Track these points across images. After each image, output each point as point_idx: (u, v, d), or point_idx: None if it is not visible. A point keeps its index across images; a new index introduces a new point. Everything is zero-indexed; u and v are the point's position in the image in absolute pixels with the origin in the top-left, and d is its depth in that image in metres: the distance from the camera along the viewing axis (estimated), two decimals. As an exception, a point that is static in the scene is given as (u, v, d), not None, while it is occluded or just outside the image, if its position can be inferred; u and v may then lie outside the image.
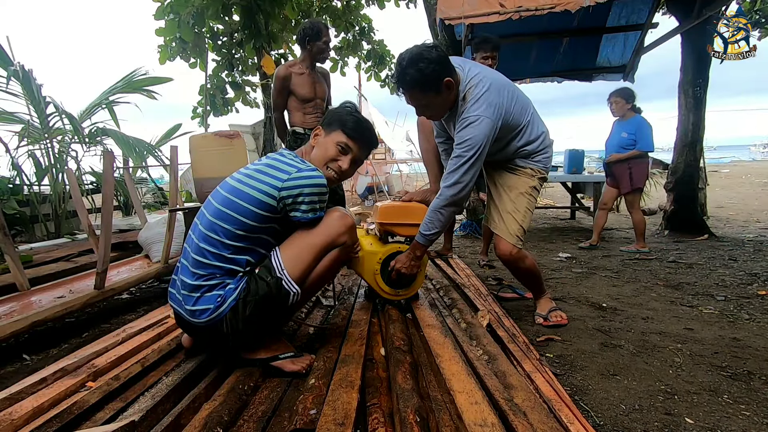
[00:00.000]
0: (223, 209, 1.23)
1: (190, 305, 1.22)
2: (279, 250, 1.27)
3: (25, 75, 4.15)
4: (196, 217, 1.32)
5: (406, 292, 1.82)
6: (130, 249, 3.22)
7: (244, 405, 1.10)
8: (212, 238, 1.22)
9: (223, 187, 1.31)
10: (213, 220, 1.23)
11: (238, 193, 1.24)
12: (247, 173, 1.30)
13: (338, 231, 1.31)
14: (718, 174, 13.87)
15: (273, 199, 1.23)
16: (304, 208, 1.24)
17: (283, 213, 1.26)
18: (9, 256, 1.92)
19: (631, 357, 1.52)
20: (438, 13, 3.72)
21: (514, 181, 1.84)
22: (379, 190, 9.33)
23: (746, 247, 3.58)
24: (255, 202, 1.22)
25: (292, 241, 1.29)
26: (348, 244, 1.35)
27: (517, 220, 1.81)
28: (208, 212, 1.26)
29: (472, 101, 1.60)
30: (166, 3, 4.95)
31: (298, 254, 1.27)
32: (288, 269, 1.24)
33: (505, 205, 1.83)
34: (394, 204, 1.88)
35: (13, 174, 4.24)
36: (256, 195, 1.23)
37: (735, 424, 1.11)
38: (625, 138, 3.61)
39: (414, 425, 0.91)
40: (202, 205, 1.33)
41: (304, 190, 1.23)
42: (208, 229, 1.23)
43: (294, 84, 2.77)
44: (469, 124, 1.58)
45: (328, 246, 1.30)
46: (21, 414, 1.00)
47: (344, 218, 1.33)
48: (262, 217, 1.23)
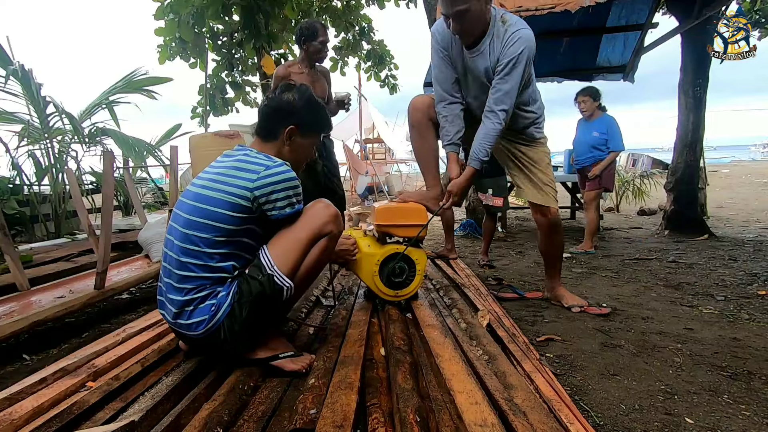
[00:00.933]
0: (196, 218, 1.21)
1: (185, 320, 1.20)
2: (267, 248, 1.27)
3: (24, 75, 4.15)
4: (167, 233, 1.29)
5: (404, 293, 1.82)
6: (130, 249, 3.22)
7: (244, 405, 1.10)
8: (193, 251, 1.20)
9: (187, 196, 1.29)
10: (188, 232, 1.21)
11: (208, 200, 1.22)
12: (211, 177, 1.27)
13: (323, 221, 1.31)
14: (718, 174, 13.87)
15: (246, 200, 1.21)
16: (281, 204, 1.24)
17: (259, 212, 1.24)
18: (9, 256, 1.92)
19: (631, 357, 1.52)
20: (438, 13, 3.72)
21: (537, 155, 2.02)
22: (379, 190, 9.33)
23: (746, 247, 3.58)
24: (227, 205, 1.21)
25: (279, 236, 1.29)
26: (335, 233, 1.35)
27: (553, 188, 2.02)
28: (179, 225, 1.24)
29: (516, 21, 1.72)
30: (166, 3, 4.94)
31: (287, 248, 1.26)
32: (278, 264, 1.23)
33: (541, 178, 2.01)
34: (391, 205, 1.87)
35: (13, 174, 4.24)
36: (227, 198, 1.21)
37: (735, 424, 1.11)
38: (596, 137, 3.62)
39: (414, 425, 0.91)
40: (171, 218, 1.31)
41: (276, 187, 1.22)
42: (186, 242, 1.21)
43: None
44: (519, 38, 1.68)
45: (314, 237, 1.30)
46: (21, 414, 1.00)
47: (328, 208, 1.33)
48: (239, 219, 1.22)
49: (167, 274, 1.25)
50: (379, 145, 15.62)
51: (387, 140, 13.89)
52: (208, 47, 5.60)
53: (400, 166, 13.91)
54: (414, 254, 1.81)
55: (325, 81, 2.94)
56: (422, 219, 1.83)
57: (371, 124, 13.43)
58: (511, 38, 1.69)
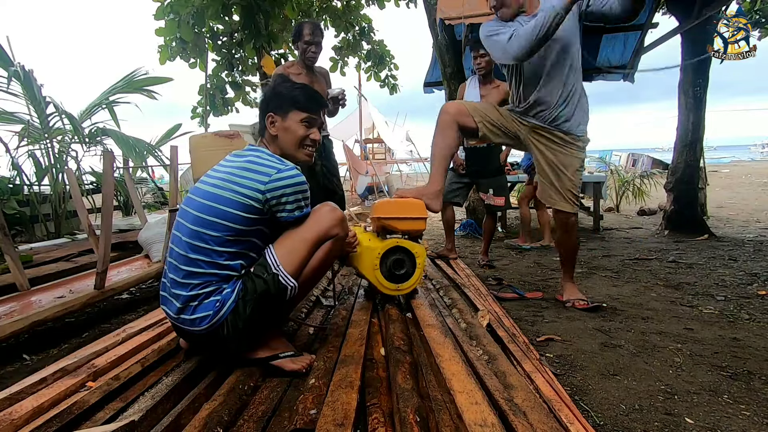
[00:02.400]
0: (206, 216, 1.22)
1: (188, 315, 1.21)
2: (273, 247, 1.28)
3: (25, 75, 4.15)
4: (174, 229, 1.29)
5: (405, 287, 1.82)
6: (130, 249, 3.22)
7: (244, 405, 1.10)
8: (202, 248, 1.21)
9: (196, 193, 1.29)
10: (198, 229, 1.22)
11: (219, 199, 1.23)
12: (222, 176, 1.28)
13: (330, 224, 1.32)
14: (718, 174, 13.88)
15: (258, 201, 1.23)
16: (290, 207, 1.26)
17: (270, 214, 1.26)
18: (9, 256, 1.93)
19: (631, 357, 1.52)
20: (438, 13, 3.72)
21: (567, 159, 2.02)
22: (379, 190, 9.32)
23: (746, 247, 3.58)
24: (239, 206, 1.22)
25: (286, 237, 1.30)
26: (340, 235, 1.36)
27: (576, 193, 2.05)
28: (188, 221, 1.24)
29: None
30: (166, 3, 4.94)
31: (292, 249, 1.28)
32: (283, 264, 1.25)
33: (565, 184, 2.03)
34: (390, 199, 1.90)
35: (13, 174, 4.24)
36: (239, 199, 1.22)
37: (735, 424, 1.11)
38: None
39: (414, 425, 0.91)
40: (177, 215, 1.31)
41: (286, 191, 1.24)
42: (195, 239, 1.21)
43: None
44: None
45: (320, 239, 1.31)
46: (21, 414, 1.00)
47: (334, 211, 1.35)
48: (250, 220, 1.23)
49: (172, 270, 1.25)
50: (379, 145, 15.62)
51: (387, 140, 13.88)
52: (208, 47, 5.60)
53: (400, 166, 13.91)
54: (414, 248, 1.81)
55: (324, 82, 2.93)
56: (421, 213, 1.84)
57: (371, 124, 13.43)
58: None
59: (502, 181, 3.16)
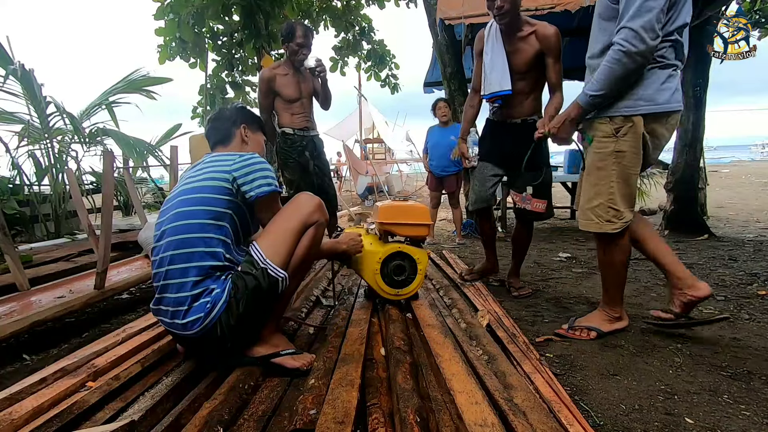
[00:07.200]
0: (185, 209, 1.26)
1: (180, 319, 1.21)
2: (257, 243, 1.29)
3: (25, 74, 4.15)
4: (155, 240, 1.29)
5: (405, 292, 1.82)
6: (130, 249, 3.22)
7: (245, 404, 1.10)
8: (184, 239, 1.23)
9: (171, 198, 1.33)
10: (178, 223, 1.24)
11: (193, 190, 1.28)
12: (190, 175, 1.35)
13: (309, 210, 1.35)
14: (718, 174, 13.87)
15: (227, 182, 1.28)
16: (258, 182, 1.29)
17: (240, 196, 1.29)
18: (9, 256, 1.92)
19: (631, 357, 1.52)
20: (438, 13, 3.72)
21: (591, 157, 1.59)
22: (379, 190, 9.32)
23: (746, 247, 3.57)
24: (212, 189, 1.27)
25: (267, 231, 1.32)
26: (321, 221, 1.38)
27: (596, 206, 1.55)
28: (169, 222, 1.26)
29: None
30: (166, 3, 4.95)
31: (276, 240, 1.30)
32: (270, 257, 1.26)
33: (587, 192, 1.59)
34: (394, 204, 1.88)
35: (13, 174, 4.24)
36: (211, 183, 1.28)
37: (735, 424, 1.11)
38: (455, 141, 3.64)
39: (414, 425, 0.91)
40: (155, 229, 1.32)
41: (253, 167, 1.30)
42: (178, 234, 1.23)
43: (278, 85, 2.76)
44: None
45: (302, 227, 1.33)
46: (21, 414, 1.00)
47: (312, 198, 1.38)
48: (224, 201, 1.28)
49: (159, 278, 1.26)
50: (379, 145, 15.64)
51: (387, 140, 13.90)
52: (208, 47, 5.60)
53: (400, 166, 13.91)
54: (416, 253, 1.81)
55: (310, 81, 2.90)
56: (425, 219, 1.83)
57: (371, 124, 13.44)
58: None
59: (546, 177, 2.19)
